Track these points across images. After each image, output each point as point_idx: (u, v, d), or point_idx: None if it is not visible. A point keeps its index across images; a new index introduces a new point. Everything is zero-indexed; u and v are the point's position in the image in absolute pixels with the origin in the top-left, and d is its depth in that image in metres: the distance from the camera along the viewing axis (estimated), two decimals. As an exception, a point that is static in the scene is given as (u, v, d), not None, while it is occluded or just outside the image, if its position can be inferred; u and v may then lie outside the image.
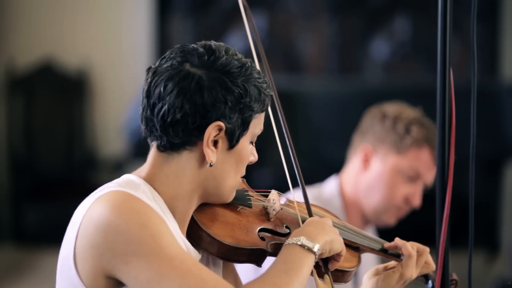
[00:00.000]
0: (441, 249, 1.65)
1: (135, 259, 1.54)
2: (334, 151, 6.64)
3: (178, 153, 1.67)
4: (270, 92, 1.73)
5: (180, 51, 1.69)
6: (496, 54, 7.11)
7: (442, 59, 1.65)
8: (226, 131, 1.67)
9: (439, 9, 1.65)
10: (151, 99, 1.66)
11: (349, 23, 7.41)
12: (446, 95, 1.66)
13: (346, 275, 1.85)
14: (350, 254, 1.89)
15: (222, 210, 1.76)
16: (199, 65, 1.66)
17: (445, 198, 1.66)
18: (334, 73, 7.40)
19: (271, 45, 7.43)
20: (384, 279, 1.88)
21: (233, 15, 7.34)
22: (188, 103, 1.64)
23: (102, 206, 1.58)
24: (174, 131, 1.65)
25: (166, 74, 1.66)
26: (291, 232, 1.80)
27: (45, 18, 7.11)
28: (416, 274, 1.91)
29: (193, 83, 1.64)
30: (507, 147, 6.49)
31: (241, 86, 1.67)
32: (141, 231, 1.55)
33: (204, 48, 1.69)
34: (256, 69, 1.72)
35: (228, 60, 1.68)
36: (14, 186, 7.00)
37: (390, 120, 2.74)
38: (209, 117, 1.65)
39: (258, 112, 1.71)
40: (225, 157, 1.69)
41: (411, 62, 7.50)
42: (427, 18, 7.10)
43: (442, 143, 1.67)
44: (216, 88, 1.65)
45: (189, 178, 1.68)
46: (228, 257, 1.73)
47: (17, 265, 6.24)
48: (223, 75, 1.66)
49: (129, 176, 1.70)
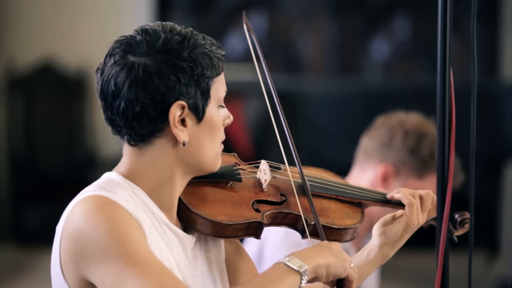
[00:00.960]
0: (441, 249, 1.65)
1: (102, 265, 1.55)
2: (334, 151, 6.65)
3: (150, 143, 1.67)
4: (221, 52, 1.71)
5: (119, 44, 1.67)
6: (496, 54, 7.11)
7: (442, 59, 1.65)
8: (189, 107, 1.65)
9: (439, 9, 1.65)
10: (107, 99, 1.66)
11: (349, 23, 7.42)
12: (446, 95, 1.66)
13: (350, 232, 1.84)
14: (352, 210, 1.88)
15: (212, 189, 1.76)
16: (141, 52, 1.64)
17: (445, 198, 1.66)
18: (334, 73, 7.40)
19: (271, 45, 7.43)
20: (392, 228, 1.88)
21: (233, 15, 7.34)
22: (143, 93, 1.63)
23: (75, 213, 1.60)
24: (139, 124, 1.65)
25: (113, 71, 1.65)
26: (287, 199, 1.80)
27: (45, 18, 7.11)
28: (423, 219, 1.90)
29: (140, 72, 1.63)
30: (507, 147, 6.49)
31: (188, 59, 1.65)
32: (107, 237, 1.55)
33: (141, 34, 1.67)
34: (200, 35, 1.69)
35: (167, 38, 1.65)
36: (14, 186, 7.01)
37: (413, 140, 2.66)
38: (167, 100, 1.64)
39: (214, 77, 1.69)
40: (197, 131, 1.68)
41: (411, 62, 7.51)
42: (427, 18, 7.10)
43: (442, 143, 1.67)
44: (165, 70, 1.63)
45: (167, 163, 1.68)
46: (224, 235, 1.72)
47: (17, 265, 6.24)
48: (167, 55, 1.64)
49: (110, 174, 1.70)
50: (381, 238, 1.88)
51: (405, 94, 6.62)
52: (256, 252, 2.66)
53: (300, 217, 1.78)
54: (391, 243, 1.88)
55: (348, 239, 1.85)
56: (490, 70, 7.09)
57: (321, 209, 1.84)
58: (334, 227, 1.81)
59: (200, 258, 1.76)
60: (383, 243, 1.88)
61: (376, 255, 1.88)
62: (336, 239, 1.82)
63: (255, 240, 2.71)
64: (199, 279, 1.74)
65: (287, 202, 1.80)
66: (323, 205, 1.85)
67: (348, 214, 1.85)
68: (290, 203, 1.80)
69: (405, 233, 1.88)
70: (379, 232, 1.89)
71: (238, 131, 6.68)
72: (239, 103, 6.85)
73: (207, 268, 1.77)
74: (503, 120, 6.47)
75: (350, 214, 1.86)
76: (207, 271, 1.76)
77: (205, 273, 1.76)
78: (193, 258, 1.74)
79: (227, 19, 7.35)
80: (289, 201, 1.80)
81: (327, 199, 1.87)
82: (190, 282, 1.71)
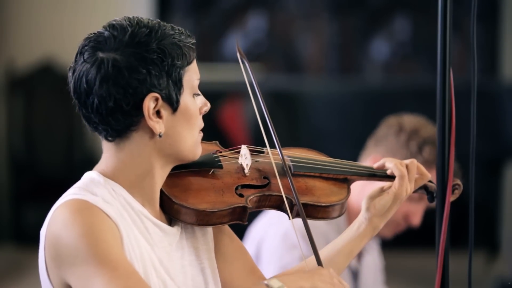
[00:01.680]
0: (441, 249, 1.66)
1: (75, 268, 1.58)
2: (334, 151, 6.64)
3: (127, 137, 1.68)
4: (191, 41, 1.71)
5: (88, 41, 1.69)
6: (496, 54, 7.11)
7: (442, 59, 1.65)
8: (163, 98, 1.66)
9: (439, 9, 1.65)
10: (81, 98, 1.67)
11: (349, 23, 7.41)
12: (446, 95, 1.66)
13: (336, 209, 1.85)
14: (337, 186, 1.89)
15: (194, 179, 1.77)
16: (110, 48, 1.65)
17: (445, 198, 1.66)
18: (334, 73, 7.40)
19: (271, 45, 7.43)
20: (381, 200, 1.88)
21: (233, 15, 7.34)
22: (114, 88, 1.64)
23: (55, 218, 1.63)
24: (114, 119, 1.66)
25: (83, 69, 1.66)
26: (270, 182, 1.81)
27: (45, 18, 7.11)
28: (411, 189, 1.90)
29: (110, 67, 1.64)
30: (507, 147, 6.49)
31: (157, 50, 1.65)
32: (80, 241, 1.58)
33: (109, 29, 1.68)
34: (168, 26, 1.70)
35: (134, 31, 1.66)
36: (14, 186, 7.00)
37: (405, 135, 2.68)
38: (140, 93, 1.64)
39: (186, 66, 1.69)
40: (173, 122, 1.69)
41: (411, 62, 7.51)
42: (427, 18, 7.10)
43: (442, 143, 1.67)
44: (134, 63, 1.64)
45: (146, 156, 1.69)
46: (209, 223, 1.73)
47: (17, 265, 6.24)
48: (135, 48, 1.65)
49: (90, 174, 1.71)
50: (370, 210, 1.88)
51: (405, 94, 6.62)
52: (253, 253, 2.66)
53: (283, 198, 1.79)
54: (380, 215, 1.88)
55: (336, 215, 1.86)
56: (490, 70, 7.09)
57: (305, 188, 1.85)
58: (320, 205, 1.82)
59: (187, 249, 1.76)
60: (372, 215, 1.88)
61: (366, 228, 1.88)
62: (323, 217, 1.84)
63: (253, 241, 2.72)
64: (187, 269, 1.75)
65: (270, 185, 1.81)
66: (307, 184, 1.86)
67: (333, 191, 1.86)
68: (274, 185, 1.81)
69: (393, 204, 1.88)
70: (368, 205, 1.88)
71: (238, 131, 6.68)
72: (239, 103, 6.85)
73: (195, 258, 1.77)
74: (503, 120, 6.47)
75: (335, 191, 1.87)
76: (195, 261, 1.77)
77: (193, 263, 1.77)
78: (179, 249, 1.75)
79: (227, 19, 7.34)
80: (273, 183, 1.81)
81: (311, 177, 1.88)
82: (177, 274, 1.72)
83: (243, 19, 7.36)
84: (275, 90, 6.64)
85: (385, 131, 2.74)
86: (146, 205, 1.71)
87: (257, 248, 2.67)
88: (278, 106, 6.53)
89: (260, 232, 2.68)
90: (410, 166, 1.91)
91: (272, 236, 2.62)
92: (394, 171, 1.90)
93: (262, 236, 2.67)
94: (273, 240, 2.61)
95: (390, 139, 2.71)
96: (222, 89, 6.53)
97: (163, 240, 1.72)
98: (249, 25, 7.34)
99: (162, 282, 1.68)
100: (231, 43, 7.23)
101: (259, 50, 7.34)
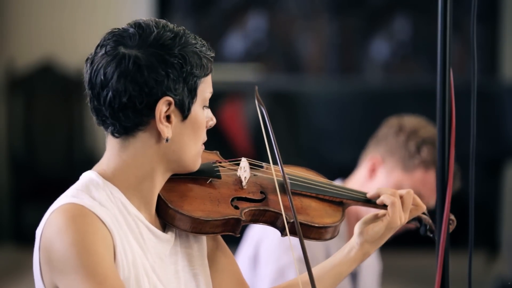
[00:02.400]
0: (441, 249, 1.66)
1: (63, 276, 1.59)
2: (334, 151, 6.65)
3: (133, 136, 1.68)
4: (211, 54, 1.72)
5: (111, 35, 1.69)
6: (496, 54, 7.11)
7: (442, 59, 1.65)
8: (176, 103, 1.67)
9: (439, 9, 1.65)
10: (95, 89, 1.67)
11: (349, 23, 7.42)
12: (446, 95, 1.66)
13: (329, 231, 1.85)
14: (333, 209, 1.88)
15: (191, 186, 1.77)
16: (133, 45, 1.66)
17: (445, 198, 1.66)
18: (334, 73, 7.40)
19: (271, 45, 7.43)
20: (374, 227, 1.88)
21: (233, 15, 7.35)
22: (131, 85, 1.64)
23: (50, 222, 1.63)
24: (124, 115, 1.66)
25: (103, 62, 1.66)
26: (266, 197, 1.81)
27: (45, 18, 7.11)
28: (405, 219, 1.90)
29: (131, 63, 1.64)
30: (507, 147, 6.49)
31: (178, 56, 1.66)
32: (70, 250, 1.58)
33: (134, 27, 1.68)
34: (192, 35, 1.71)
35: (160, 33, 1.67)
36: (14, 186, 7.01)
37: (404, 135, 2.69)
38: (155, 94, 1.65)
39: (202, 77, 1.70)
40: (181, 129, 1.70)
41: (411, 62, 7.51)
42: (427, 18, 7.10)
43: (442, 143, 1.67)
44: (155, 64, 1.65)
45: (149, 158, 1.69)
46: (202, 231, 1.73)
47: (17, 265, 6.24)
48: (158, 49, 1.66)
49: (89, 174, 1.71)
50: (363, 236, 1.88)
51: (405, 94, 6.62)
52: (251, 255, 2.66)
53: (279, 215, 1.79)
54: (372, 242, 1.88)
55: (328, 237, 1.86)
56: (490, 70, 7.10)
57: (301, 207, 1.85)
58: (313, 225, 1.82)
59: (181, 254, 1.77)
60: (364, 241, 1.87)
61: (357, 253, 1.88)
62: (315, 238, 1.84)
63: (251, 242, 2.73)
64: (180, 275, 1.75)
65: (266, 200, 1.81)
66: (303, 204, 1.86)
67: (328, 212, 1.86)
68: (270, 200, 1.81)
69: (387, 232, 1.88)
70: (360, 230, 1.88)
71: (238, 131, 6.68)
72: (239, 103, 6.85)
73: (188, 264, 1.78)
74: (503, 120, 6.48)
75: (330, 213, 1.87)
76: (188, 267, 1.78)
77: (186, 269, 1.77)
78: (173, 254, 1.75)
79: (227, 19, 7.35)
80: (269, 198, 1.82)
81: (307, 197, 1.88)
82: (170, 280, 1.72)
83: (243, 19, 7.36)
84: (275, 90, 6.64)
85: (385, 131, 2.74)
86: (142, 209, 1.71)
87: (255, 249, 2.67)
88: (278, 106, 6.54)
89: (258, 234, 2.68)
90: (405, 197, 1.90)
91: (270, 238, 2.62)
92: (385, 201, 1.89)
93: (260, 237, 2.67)
94: (271, 242, 2.61)
95: (389, 139, 2.71)
96: (222, 89, 6.53)
97: (156, 246, 1.72)
98: (249, 25, 7.35)
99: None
100: (231, 43, 7.23)
101: (259, 50, 7.34)
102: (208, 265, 1.82)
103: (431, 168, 2.66)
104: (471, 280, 1.75)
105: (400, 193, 1.91)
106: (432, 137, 2.68)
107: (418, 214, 1.94)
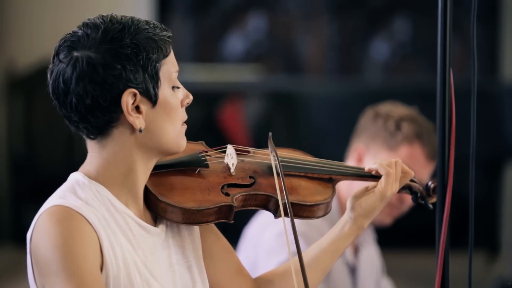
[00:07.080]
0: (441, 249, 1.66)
1: (47, 279, 1.61)
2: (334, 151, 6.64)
3: (108, 134, 1.69)
4: (167, 34, 1.72)
5: (62, 42, 1.71)
6: (496, 54, 7.11)
7: (442, 59, 1.66)
8: (141, 92, 1.67)
9: (439, 10, 1.66)
10: (60, 98, 1.68)
11: (349, 24, 7.42)
12: (446, 95, 1.66)
13: (321, 208, 1.86)
14: (323, 186, 1.90)
15: (180, 178, 1.78)
16: (84, 46, 1.67)
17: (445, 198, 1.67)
18: (334, 74, 7.40)
19: (271, 46, 7.43)
20: (367, 200, 1.89)
21: (233, 16, 7.35)
22: (90, 85, 1.65)
23: (37, 226, 1.65)
24: (93, 117, 1.67)
25: (60, 69, 1.67)
26: (256, 181, 1.82)
27: (45, 18, 7.11)
28: (396, 188, 1.91)
29: (85, 65, 1.65)
30: (507, 147, 6.49)
31: (131, 45, 1.66)
32: (53, 252, 1.60)
33: (82, 28, 1.71)
34: (143, 21, 1.72)
35: (107, 28, 1.69)
36: (14, 186, 7.01)
37: (381, 118, 2.73)
38: (116, 89, 1.65)
39: (162, 59, 1.70)
40: (153, 116, 1.69)
41: (411, 62, 7.51)
42: (427, 19, 7.10)
43: (442, 143, 1.67)
44: (108, 59, 1.65)
45: (128, 152, 1.70)
46: (195, 221, 1.74)
47: (17, 265, 6.24)
48: (109, 44, 1.67)
49: (76, 175, 1.75)
50: (356, 210, 1.89)
51: (405, 94, 6.61)
52: (251, 256, 2.66)
53: (270, 197, 1.81)
54: (366, 215, 1.89)
55: (321, 214, 1.87)
56: (490, 70, 7.10)
57: (291, 187, 1.86)
58: (305, 204, 1.84)
59: (173, 247, 1.77)
60: (358, 215, 1.89)
61: (351, 227, 1.89)
62: (309, 216, 1.85)
63: (249, 244, 2.73)
64: (175, 268, 1.76)
65: (256, 184, 1.83)
66: (293, 184, 1.88)
67: (318, 190, 1.88)
68: (260, 184, 1.83)
69: (379, 203, 1.89)
70: (352, 205, 1.89)
71: (238, 131, 6.68)
72: (239, 103, 6.85)
73: (181, 256, 1.78)
74: (503, 120, 6.48)
75: (320, 190, 1.88)
76: (182, 259, 1.78)
77: (180, 262, 1.78)
78: (166, 248, 1.76)
79: (227, 19, 7.35)
80: (258, 182, 1.83)
81: (296, 177, 1.90)
82: (163, 274, 1.73)
83: (243, 19, 7.36)
84: (275, 90, 6.65)
85: (363, 121, 2.79)
86: (130, 204, 1.72)
87: (254, 250, 2.68)
88: (278, 106, 6.54)
89: (255, 236, 2.69)
90: (395, 166, 1.92)
91: (266, 238, 2.63)
92: (380, 171, 1.91)
93: (258, 239, 2.68)
94: (268, 241, 2.62)
95: (368, 127, 2.75)
96: (222, 89, 6.53)
97: (147, 241, 1.72)
98: (249, 26, 7.35)
99: (146, 283, 1.69)
100: (231, 43, 7.23)
101: (259, 51, 7.34)
102: (204, 255, 1.82)
103: (415, 142, 2.70)
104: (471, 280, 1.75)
105: (389, 163, 1.92)
106: (409, 113, 2.74)
107: (407, 181, 1.95)
